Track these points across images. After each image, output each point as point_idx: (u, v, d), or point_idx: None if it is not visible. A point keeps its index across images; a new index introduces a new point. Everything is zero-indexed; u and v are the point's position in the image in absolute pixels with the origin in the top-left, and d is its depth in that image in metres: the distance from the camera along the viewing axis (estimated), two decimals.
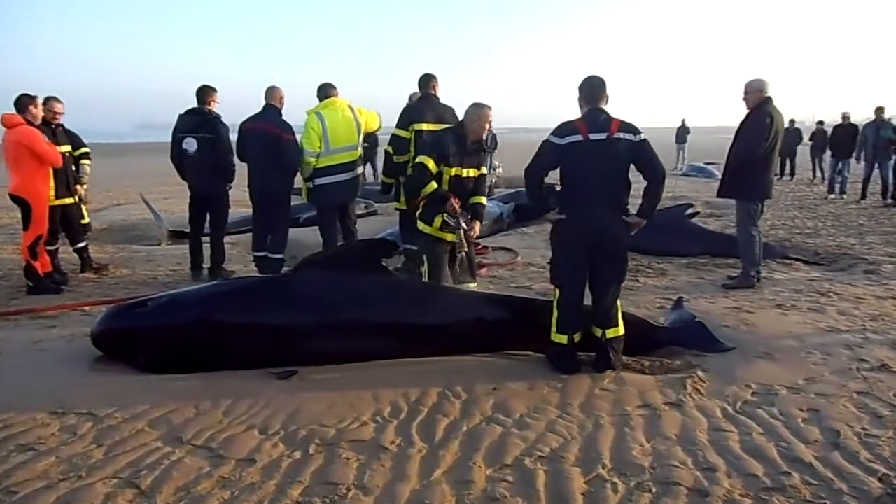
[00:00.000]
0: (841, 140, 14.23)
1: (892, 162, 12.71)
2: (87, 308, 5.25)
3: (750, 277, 5.83)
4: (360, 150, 5.89)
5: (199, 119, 5.96)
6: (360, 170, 5.96)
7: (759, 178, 5.73)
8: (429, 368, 3.83)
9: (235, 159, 6.09)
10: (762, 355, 4.07)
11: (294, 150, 5.63)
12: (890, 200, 12.15)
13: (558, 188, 3.98)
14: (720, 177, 6.50)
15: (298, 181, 6.03)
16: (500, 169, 6.81)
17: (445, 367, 3.84)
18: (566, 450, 2.91)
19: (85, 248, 6.55)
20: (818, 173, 18.06)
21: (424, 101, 5.95)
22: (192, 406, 3.31)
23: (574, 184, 3.88)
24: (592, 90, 3.89)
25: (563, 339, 3.87)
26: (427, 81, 5.95)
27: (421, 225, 4.71)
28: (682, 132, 25.47)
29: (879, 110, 12.84)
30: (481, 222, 4.78)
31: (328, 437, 3.02)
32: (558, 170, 3.95)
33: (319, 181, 5.75)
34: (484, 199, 4.83)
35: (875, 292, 5.59)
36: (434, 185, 4.51)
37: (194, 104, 6.01)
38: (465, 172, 4.63)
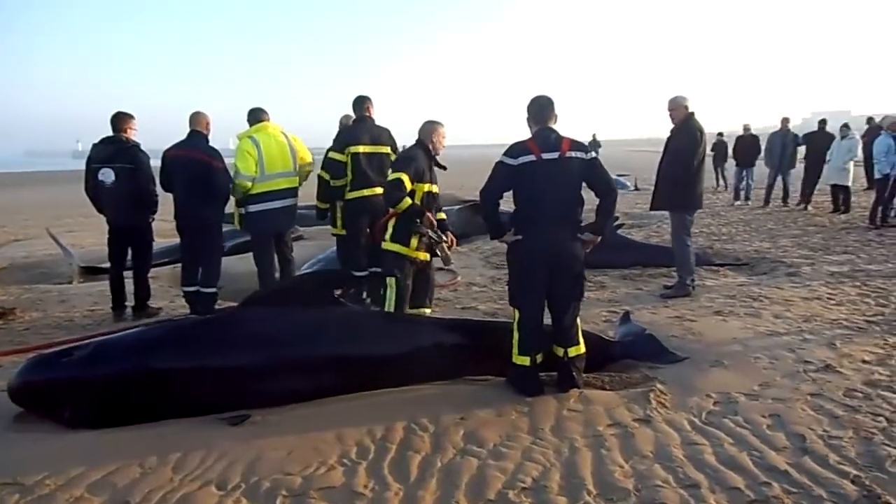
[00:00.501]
0: (744, 150, 15.10)
1: (793, 170, 13.62)
2: None
3: (686, 286, 6.01)
4: (296, 177, 5.65)
5: (116, 148, 5.56)
6: (296, 198, 5.72)
7: (693, 190, 5.94)
8: (389, 401, 3.66)
9: (158, 189, 5.71)
10: (714, 363, 4.16)
11: (226, 178, 5.34)
12: (794, 205, 13.00)
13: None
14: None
15: (229, 206, 5.73)
16: None
17: (406, 399, 3.69)
18: (548, 478, 2.83)
19: None
20: (721, 182, 19.08)
21: (360, 123, 5.80)
22: (136, 464, 2.99)
23: (529, 204, 3.85)
24: (541, 110, 3.90)
25: (526, 360, 3.81)
26: (361, 103, 5.81)
27: (394, 245, 4.52)
28: (594, 146, 26.34)
29: (785, 121, 13.74)
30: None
31: (295, 487, 2.80)
32: (511, 192, 3.91)
33: (253, 208, 5.47)
34: (443, 215, 4.86)
35: (800, 294, 5.89)
36: (409, 201, 4.42)
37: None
38: (434, 188, 4.66)
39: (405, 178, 4.41)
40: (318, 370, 3.64)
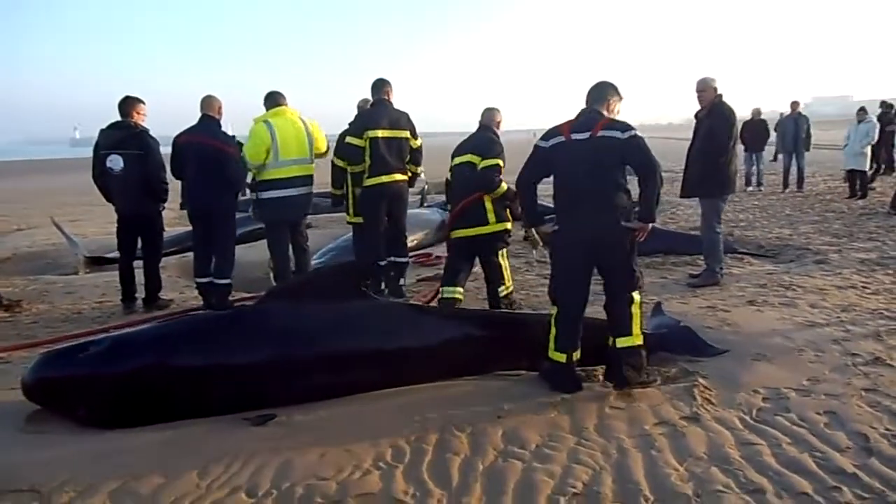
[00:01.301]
0: (753, 135, 14.84)
1: (807, 154, 13.41)
2: (4, 354, 4.55)
3: (714, 274, 5.82)
4: (312, 164, 5.45)
5: (125, 134, 5.35)
6: (311, 186, 5.52)
7: (726, 174, 5.75)
8: (420, 398, 3.48)
9: (168, 176, 5.51)
10: (757, 357, 3.97)
11: (239, 165, 5.13)
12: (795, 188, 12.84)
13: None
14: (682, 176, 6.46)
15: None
16: (424, 175, 6.58)
17: (437, 396, 3.51)
18: (599, 483, 2.66)
19: None
20: None
21: (378, 107, 5.58)
22: (160, 470, 2.81)
23: (562, 189, 3.66)
24: (591, 92, 3.73)
25: (562, 357, 3.62)
26: (381, 86, 5.59)
27: (500, 225, 4.83)
28: None
29: (795, 104, 13.50)
30: None
31: (331, 493, 2.62)
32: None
33: (266, 195, 5.27)
34: None
35: (833, 282, 5.69)
36: (506, 185, 4.74)
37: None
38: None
39: (501, 163, 4.78)
40: (346, 366, 3.46)
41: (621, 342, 3.58)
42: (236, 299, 5.57)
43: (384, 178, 5.50)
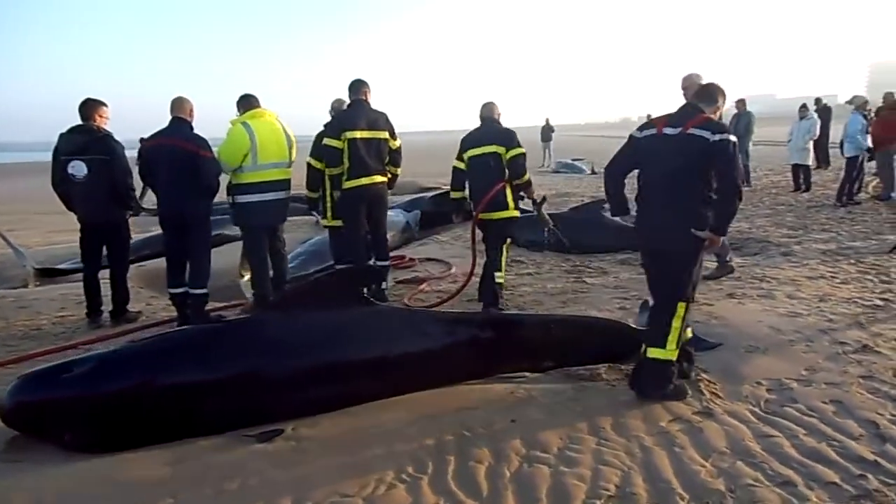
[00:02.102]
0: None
1: (749, 149, 13.88)
2: None
3: (727, 264, 5.92)
4: (290, 168, 5.26)
5: (88, 138, 5.03)
6: (289, 190, 5.33)
7: None
8: (428, 406, 3.38)
9: (135, 182, 5.23)
10: (750, 349, 4.05)
11: (214, 168, 4.90)
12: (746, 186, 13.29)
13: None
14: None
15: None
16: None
17: (445, 403, 3.43)
18: (631, 483, 2.64)
19: None
20: None
21: (356, 108, 5.43)
22: (167, 497, 2.64)
23: (642, 183, 3.56)
24: (700, 92, 3.65)
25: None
26: (358, 87, 5.43)
27: (516, 212, 5.31)
28: (547, 131, 26.41)
29: (740, 102, 13.95)
30: None
31: None
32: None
33: (244, 199, 5.05)
34: None
35: (803, 273, 5.89)
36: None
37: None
38: None
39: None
40: (352, 376, 3.34)
41: (652, 353, 3.37)
42: (212, 309, 5.34)
43: (364, 181, 5.37)
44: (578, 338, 4.08)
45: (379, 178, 5.45)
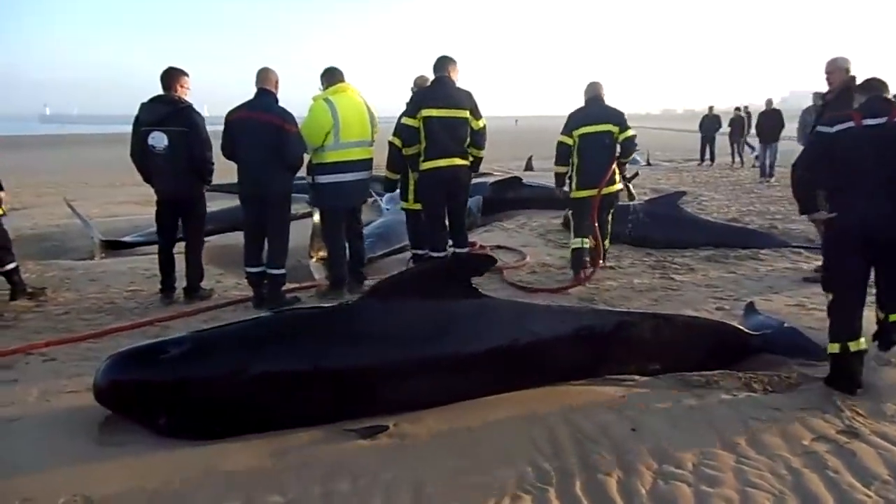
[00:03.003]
0: (767, 125, 14.73)
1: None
2: (45, 349, 4.11)
3: None
4: (373, 147, 5.05)
5: (169, 109, 4.88)
6: (371, 170, 5.12)
7: None
8: (536, 408, 3.12)
9: (214, 156, 5.07)
10: (881, 361, 3.68)
11: (299, 144, 4.70)
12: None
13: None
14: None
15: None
16: None
17: (555, 404, 3.16)
18: None
19: (16, 269, 5.27)
20: (737, 158, 18.80)
21: (436, 85, 5.17)
22: (276, 493, 2.46)
23: (845, 177, 3.42)
24: (868, 84, 3.62)
25: (835, 347, 3.39)
26: (443, 63, 5.17)
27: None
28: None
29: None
30: None
31: None
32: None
33: (325, 179, 4.86)
34: None
35: None
36: None
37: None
38: None
39: None
40: (458, 371, 3.11)
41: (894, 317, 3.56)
42: (288, 290, 5.18)
43: (441, 162, 5.11)
44: (689, 339, 3.80)
45: (459, 161, 5.17)
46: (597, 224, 5.66)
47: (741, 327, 4.09)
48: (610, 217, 5.96)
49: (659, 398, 3.27)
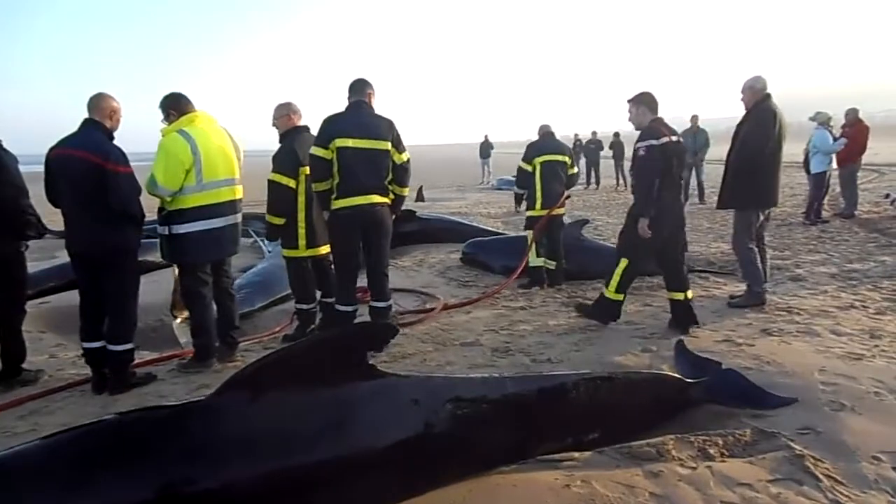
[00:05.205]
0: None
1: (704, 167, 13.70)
2: None
3: (758, 294, 5.25)
4: (240, 186, 4.19)
5: None
6: (240, 213, 4.26)
7: (764, 184, 5.19)
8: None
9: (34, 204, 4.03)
10: (834, 405, 3.30)
11: (129, 187, 3.72)
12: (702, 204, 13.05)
13: None
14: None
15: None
16: None
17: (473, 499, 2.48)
18: None
19: None
20: (621, 180, 19.36)
21: (352, 110, 4.42)
22: None
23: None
24: None
25: None
26: (361, 87, 4.44)
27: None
28: (486, 147, 25.92)
29: (694, 118, 13.72)
30: None
31: None
32: None
33: (186, 228, 3.94)
34: None
35: (828, 303, 5.28)
36: None
37: None
38: None
39: None
40: (357, 477, 2.33)
41: None
42: (142, 362, 4.18)
43: (358, 200, 4.36)
44: (630, 399, 3.23)
45: (377, 199, 4.43)
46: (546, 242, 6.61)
47: (680, 377, 3.58)
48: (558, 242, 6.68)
49: (609, 483, 2.65)
